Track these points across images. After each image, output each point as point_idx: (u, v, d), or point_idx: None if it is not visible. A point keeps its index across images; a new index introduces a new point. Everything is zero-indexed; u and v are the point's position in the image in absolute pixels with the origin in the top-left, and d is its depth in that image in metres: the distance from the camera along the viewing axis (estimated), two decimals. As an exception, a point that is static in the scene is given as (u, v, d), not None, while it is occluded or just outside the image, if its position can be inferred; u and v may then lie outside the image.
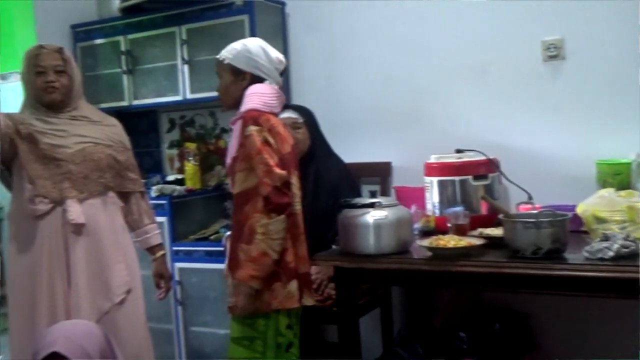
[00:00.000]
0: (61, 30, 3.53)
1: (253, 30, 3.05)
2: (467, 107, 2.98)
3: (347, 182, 2.86)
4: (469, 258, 2.14)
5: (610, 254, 1.96)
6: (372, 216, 2.25)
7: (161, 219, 3.07)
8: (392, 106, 3.13)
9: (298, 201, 2.26)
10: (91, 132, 2.37)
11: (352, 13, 3.19)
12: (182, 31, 3.27)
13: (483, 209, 2.56)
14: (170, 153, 3.74)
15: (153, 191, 3.18)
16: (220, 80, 2.30)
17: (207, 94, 3.14)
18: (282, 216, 2.11)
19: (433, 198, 2.64)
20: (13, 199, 2.36)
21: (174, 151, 3.71)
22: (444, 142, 2.82)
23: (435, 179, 2.63)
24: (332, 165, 2.87)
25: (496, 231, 2.32)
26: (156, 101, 3.43)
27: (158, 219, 2.73)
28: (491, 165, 2.62)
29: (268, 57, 2.26)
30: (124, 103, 3.48)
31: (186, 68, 3.28)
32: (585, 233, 2.26)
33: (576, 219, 2.27)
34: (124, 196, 2.46)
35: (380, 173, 3.14)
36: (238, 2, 3.11)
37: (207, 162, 3.43)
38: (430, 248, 2.21)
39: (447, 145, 2.76)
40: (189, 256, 3.15)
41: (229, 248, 2.26)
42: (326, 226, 2.68)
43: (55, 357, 1.57)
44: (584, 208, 2.25)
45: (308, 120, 2.86)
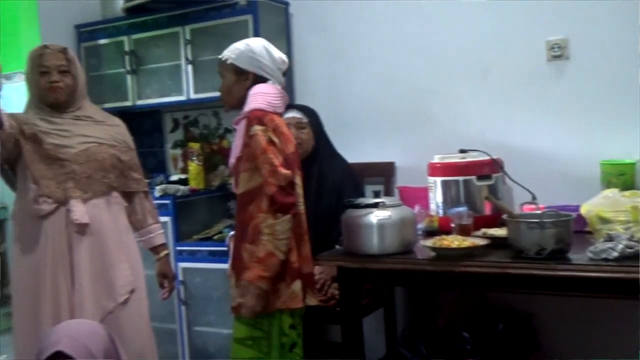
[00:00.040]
0: (65, 30, 3.54)
1: (257, 30, 3.06)
2: (471, 107, 2.98)
3: (351, 182, 2.86)
4: (473, 258, 2.14)
5: (614, 255, 1.95)
6: (376, 216, 2.25)
7: (165, 219, 3.06)
8: (396, 106, 3.13)
9: (301, 201, 2.26)
10: (95, 132, 2.37)
11: (356, 13, 3.19)
12: (186, 31, 3.28)
13: (487, 209, 2.56)
14: (173, 153, 3.75)
15: (157, 191, 3.18)
16: (222, 80, 2.30)
17: (211, 94, 3.14)
18: (288, 216, 2.12)
19: (437, 198, 2.64)
20: (17, 199, 2.36)
21: (178, 151, 3.72)
22: (448, 142, 2.82)
23: (438, 179, 2.62)
24: (336, 165, 2.87)
25: (500, 231, 2.31)
26: (160, 101, 3.44)
27: (162, 219, 2.73)
28: (495, 165, 2.62)
29: (271, 57, 2.26)
30: (128, 103, 3.49)
31: (190, 68, 3.29)
32: (589, 233, 2.25)
33: (580, 220, 2.26)
34: (128, 196, 2.46)
35: (383, 173, 3.14)
36: (242, 2, 3.11)
37: (211, 162, 3.43)
38: (433, 248, 2.21)
39: (451, 145, 2.76)
40: (193, 256, 3.16)
41: (233, 248, 2.27)
42: (330, 226, 2.68)
43: (59, 357, 1.57)
44: (588, 208, 2.25)
45: (312, 120, 2.86)
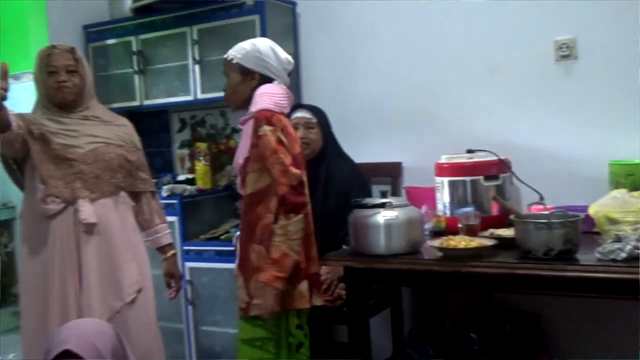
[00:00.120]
0: (73, 30, 3.55)
1: (264, 30, 3.06)
2: (479, 107, 2.97)
3: (358, 183, 2.85)
4: (480, 259, 2.13)
5: (622, 255, 1.94)
6: (383, 216, 2.25)
7: (172, 219, 3.07)
8: (403, 106, 3.12)
9: (308, 201, 2.26)
10: (103, 132, 2.38)
11: (363, 13, 3.19)
12: (193, 31, 3.28)
13: (494, 210, 2.55)
14: (181, 153, 3.76)
15: (164, 191, 3.19)
16: (227, 79, 2.30)
17: (218, 94, 3.12)
18: (300, 216, 2.12)
19: (444, 198, 2.63)
20: (25, 199, 2.37)
21: (185, 151, 3.72)
22: (455, 142, 2.81)
23: (446, 179, 2.62)
24: (344, 165, 2.87)
25: (507, 232, 2.31)
26: (167, 101, 3.44)
27: (169, 219, 2.74)
28: (502, 165, 2.61)
29: (277, 58, 2.26)
30: (136, 103, 3.50)
31: (197, 68, 3.29)
32: (597, 234, 2.24)
33: (588, 220, 2.25)
34: (135, 196, 2.47)
35: (390, 173, 3.13)
36: (249, 2, 3.11)
37: (218, 162, 3.43)
38: (440, 248, 2.20)
39: (458, 145, 2.75)
40: (200, 256, 3.16)
41: (239, 248, 2.27)
42: (337, 226, 2.68)
43: (67, 355, 1.57)
44: (596, 209, 2.24)
45: (321, 120, 2.86)
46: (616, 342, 2.69)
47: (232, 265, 2.38)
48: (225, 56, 2.30)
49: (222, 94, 2.35)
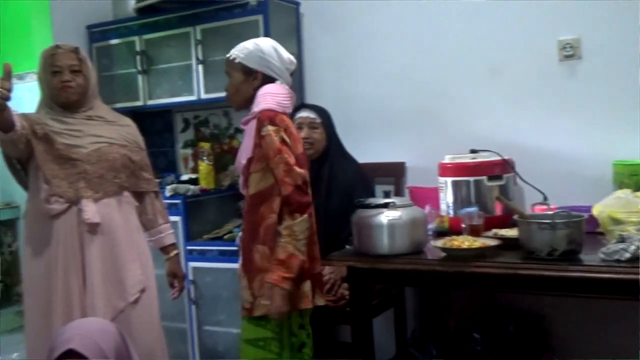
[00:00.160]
0: (77, 30, 3.56)
1: (267, 30, 3.06)
2: (482, 107, 2.96)
3: (361, 183, 2.85)
4: (484, 259, 2.13)
5: (626, 256, 1.94)
6: (386, 216, 2.25)
7: (175, 219, 3.08)
8: (407, 106, 3.12)
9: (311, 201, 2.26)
10: (106, 132, 2.39)
11: (367, 13, 3.19)
12: (197, 31, 3.28)
13: (498, 210, 2.55)
14: (184, 153, 3.76)
15: (167, 190, 3.19)
16: (229, 79, 2.28)
17: (222, 94, 3.07)
18: (305, 216, 2.11)
19: (447, 198, 2.63)
20: (29, 199, 2.37)
21: (188, 151, 3.73)
22: (459, 142, 2.81)
23: (449, 180, 2.62)
24: (347, 166, 2.87)
25: (511, 232, 2.30)
26: (171, 101, 3.45)
27: (172, 218, 2.74)
28: (506, 165, 2.61)
29: (280, 57, 2.25)
30: (139, 103, 3.50)
31: (200, 68, 3.29)
32: (601, 234, 2.24)
33: (592, 220, 2.25)
34: (139, 196, 2.47)
35: (394, 173, 3.13)
36: (252, 3, 3.12)
37: (221, 162, 3.44)
38: (444, 249, 2.20)
39: (462, 145, 2.75)
40: (203, 255, 3.16)
41: (242, 249, 2.27)
42: (340, 226, 2.67)
43: (71, 355, 1.57)
44: (600, 209, 2.23)
45: (325, 120, 2.86)
46: (620, 343, 2.68)
47: (236, 265, 2.38)
48: (227, 55, 2.29)
49: (226, 94, 2.35)
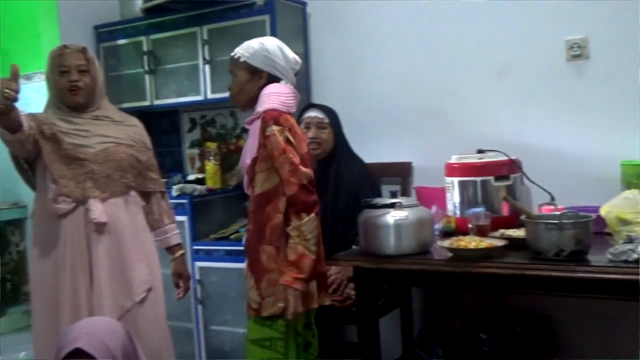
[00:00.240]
0: (85, 30, 3.57)
1: (274, 30, 3.06)
2: (489, 107, 2.96)
3: (368, 183, 2.85)
4: (490, 259, 2.12)
5: (634, 256, 1.93)
6: (393, 216, 2.24)
7: (182, 218, 3.08)
8: (413, 106, 3.12)
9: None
10: (113, 132, 2.39)
11: (373, 13, 3.19)
12: (204, 31, 3.29)
13: (504, 210, 2.54)
14: (191, 152, 3.77)
15: (174, 190, 3.20)
16: (234, 78, 2.27)
17: (228, 94, 3.14)
18: (312, 215, 2.11)
19: (454, 198, 2.63)
20: (36, 198, 2.38)
21: (195, 151, 3.73)
22: (465, 142, 2.81)
23: (456, 180, 2.61)
24: (354, 166, 2.87)
25: (518, 232, 2.30)
26: (177, 101, 3.45)
27: (178, 218, 2.75)
28: (513, 165, 2.60)
29: (285, 57, 2.24)
30: (146, 103, 3.51)
31: (207, 68, 3.30)
32: (608, 235, 2.23)
33: (600, 221, 2.24)
34: (145, 196, 2.47)
35: (400, 173, 3.13)
36: (259, 2, 3.12)
37: (228, 162, 3.44)
38: (450, 249, 2.20)
39: (469, 145, 2.74)
40: (209, 255, 3.17)
41: (249, 249, 2.27)
42: (346, 226, 2.67)
43: (78, 354, 1.58)
44: (608, 209, 2.23)
45: (333, 120, 2.86)
46: (627, 344, 2.66)
47: (242, 264, 2.38)
48: (232, 54, 2.27)
49: (229, 93, 2.33)
